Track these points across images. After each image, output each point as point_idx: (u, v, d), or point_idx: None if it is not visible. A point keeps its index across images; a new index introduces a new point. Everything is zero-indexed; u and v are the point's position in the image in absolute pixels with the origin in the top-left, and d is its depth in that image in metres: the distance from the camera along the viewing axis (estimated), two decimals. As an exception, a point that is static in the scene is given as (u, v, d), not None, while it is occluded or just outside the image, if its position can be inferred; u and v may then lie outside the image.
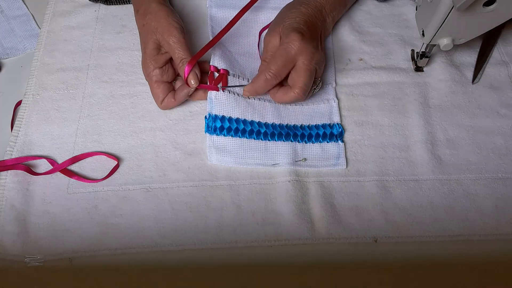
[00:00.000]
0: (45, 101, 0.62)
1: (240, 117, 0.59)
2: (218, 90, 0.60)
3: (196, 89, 0.59)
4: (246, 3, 0.65)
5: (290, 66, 0.57)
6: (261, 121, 0.60)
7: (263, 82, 0.58)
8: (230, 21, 0.63)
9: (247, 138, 0.59)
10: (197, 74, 0.58)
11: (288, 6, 0.63)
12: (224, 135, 0.59)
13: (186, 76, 0.58)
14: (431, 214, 0.55)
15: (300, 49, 0.56)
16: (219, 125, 0.58)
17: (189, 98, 0.61)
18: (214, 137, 0.59)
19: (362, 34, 0.70)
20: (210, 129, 0.59)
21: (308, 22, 0.60)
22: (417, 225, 0.54)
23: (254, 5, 0.67)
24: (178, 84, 0.61)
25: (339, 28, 0.70)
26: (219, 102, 0.59)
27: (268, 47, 0.60)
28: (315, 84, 0.61)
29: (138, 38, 0.67)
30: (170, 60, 0.60)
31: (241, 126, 0.59)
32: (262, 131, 0.59)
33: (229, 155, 0.58)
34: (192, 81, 0.58)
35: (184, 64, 0.57)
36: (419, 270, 0.52)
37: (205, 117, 0.60)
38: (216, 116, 0.59)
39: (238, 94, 0.61)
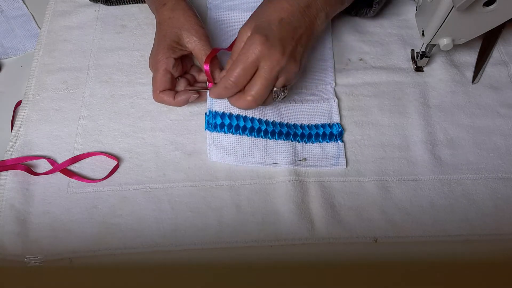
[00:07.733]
0: (45, 101, 0.62)
1: (240, 114, 0.59)
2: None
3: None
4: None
5: (251, 72, 0.52)
6: (262, 118, 0.60)
7: (223, 90, 0.54)
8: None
9: (247, 135, 0.59)
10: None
11: None
12: (224, 132, 0.58)
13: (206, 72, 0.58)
14: (431, 214, 0.55)
15: (262, 54, 0.51)
16: (220, 122, 0.58)
17: (196, 100, 0.60)
18: (214, 134, 0.58)
19: (362, 34, 0.70)
20: (210, 126, 0.59)
21: (283, 22, 0.53)
22: (417, 225, 0.54)
23: (254, 4, 0.67)
24: (181, 84, 0.60)
25: (339, 28, 0.70)
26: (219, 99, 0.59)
27: (237, 41, 0.55)
28: (277, 94, 0.55)
29: (138, 38, 0.68)
30: (181, 59, 0.60)
31: (242, 123, 0.59)
32: (263, 128, 0.59)
33: (229, 153, 0.58)
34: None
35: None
36: (419, 270, 0.52)
37: (205, 114, 0.60)
38: (216, 112, 0.59)
39: None
